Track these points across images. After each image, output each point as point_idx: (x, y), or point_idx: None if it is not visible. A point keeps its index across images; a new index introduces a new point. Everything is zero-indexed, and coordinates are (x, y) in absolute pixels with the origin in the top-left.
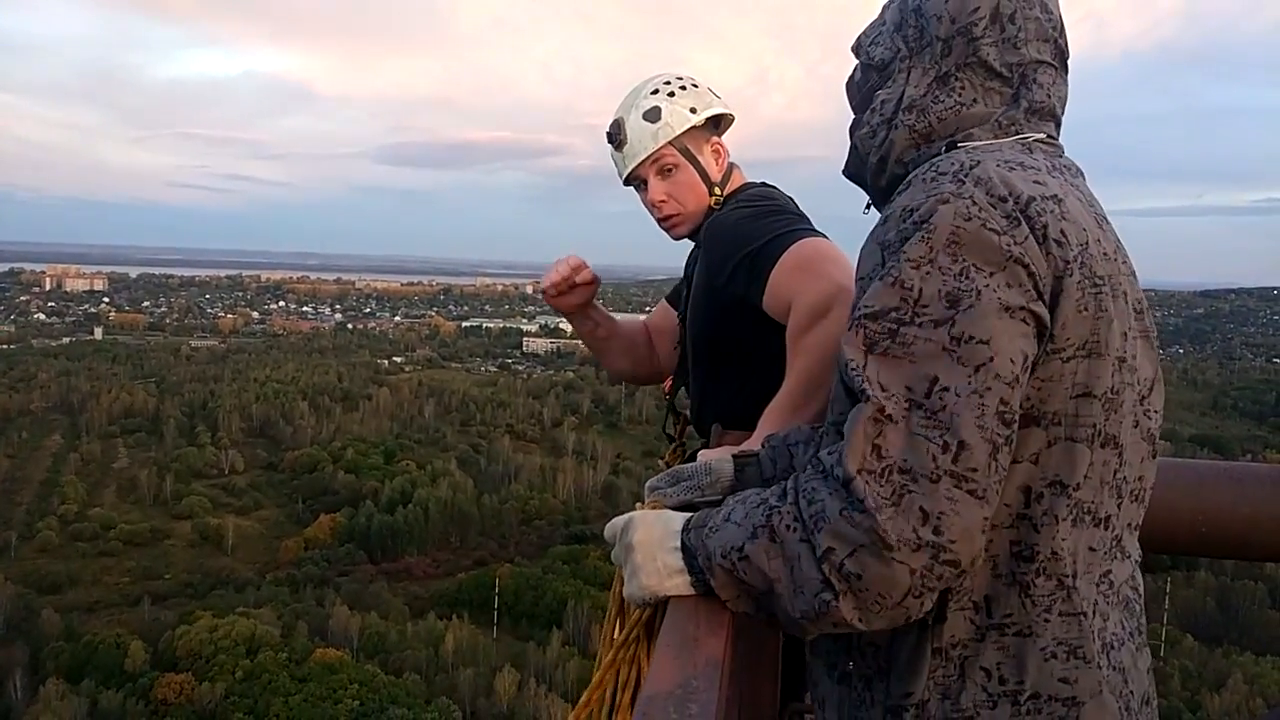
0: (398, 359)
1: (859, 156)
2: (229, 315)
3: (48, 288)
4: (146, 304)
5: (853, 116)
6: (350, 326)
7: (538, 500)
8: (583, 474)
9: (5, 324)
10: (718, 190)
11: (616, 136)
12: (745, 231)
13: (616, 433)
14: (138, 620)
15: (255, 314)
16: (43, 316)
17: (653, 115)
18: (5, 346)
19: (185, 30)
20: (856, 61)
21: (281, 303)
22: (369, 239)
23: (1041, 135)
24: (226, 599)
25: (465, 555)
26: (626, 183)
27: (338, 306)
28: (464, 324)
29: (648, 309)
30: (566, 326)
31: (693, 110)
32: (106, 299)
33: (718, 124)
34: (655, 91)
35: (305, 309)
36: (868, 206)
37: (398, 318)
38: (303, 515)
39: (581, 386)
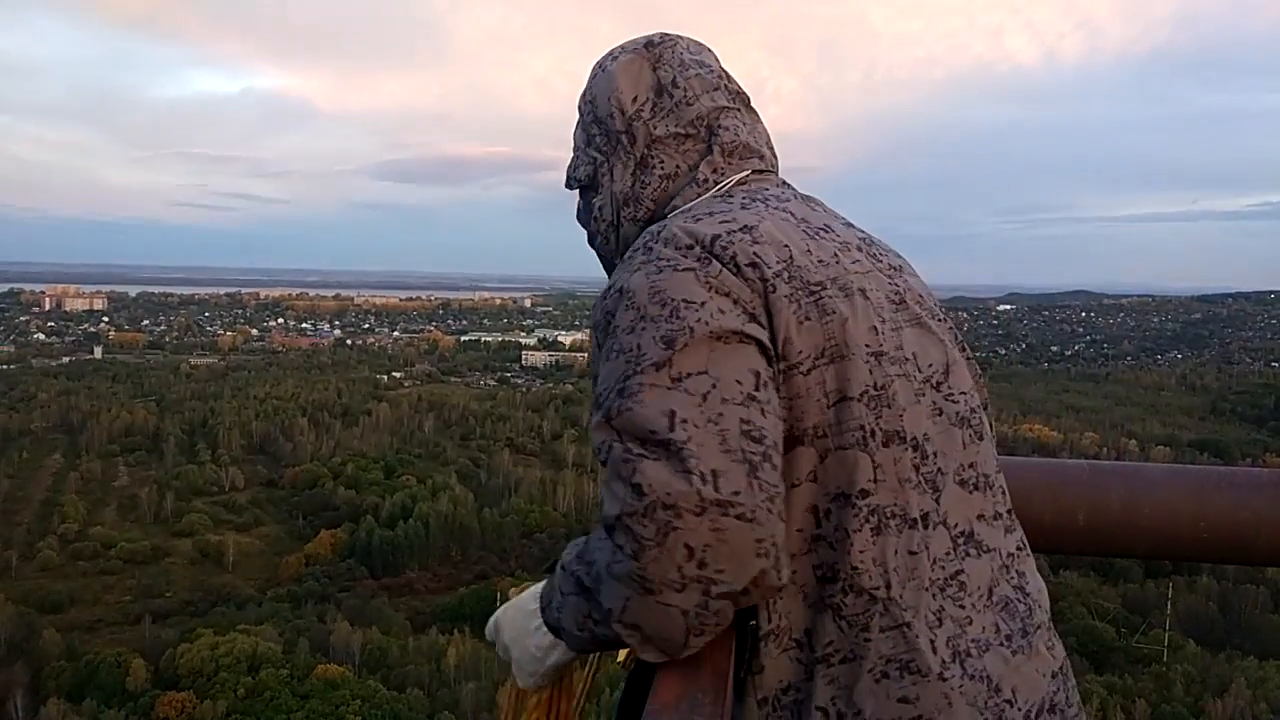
0: (397, 374)
1: (606, 265)
2: (228, 333)
3: (47, 307)
4: (146, 323)
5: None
6: (349, 342)
7: (538, 513)
8: (583, 486)
9: (5, 344)
10: None
11: None
12: None
13: None
14: (139, 638)
15: (254, 331)
16: (42, 336)
17: None
18: (5, 366)
19: (184, 49)
20: (575, 196)
21: (281, 319)
22: (368, 255)
23: (745, 173)
24: (228, 616)
25: (466, 569)
26: None
27: (337, 322)
28: (463, 338)
29: None
30: (565, 339)
31: None
32: (106, 318)
33: None
34: None
35: (304, 325)
36: None
37: (396, 333)
38: (303, 531)
39: (580, 399)
